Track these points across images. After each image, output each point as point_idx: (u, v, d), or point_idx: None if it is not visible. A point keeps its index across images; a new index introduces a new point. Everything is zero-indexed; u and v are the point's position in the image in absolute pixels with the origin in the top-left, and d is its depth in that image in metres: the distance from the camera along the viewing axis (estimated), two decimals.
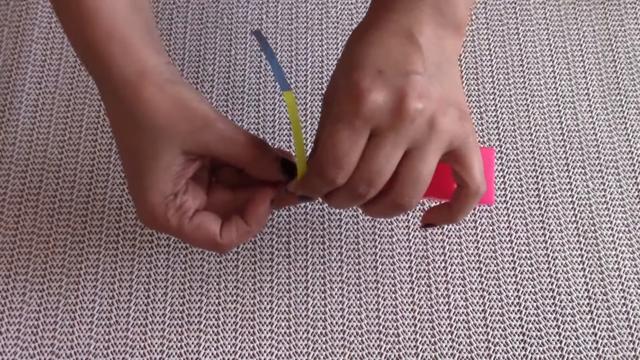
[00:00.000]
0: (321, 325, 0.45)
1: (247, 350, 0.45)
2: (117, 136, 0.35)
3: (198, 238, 0.35)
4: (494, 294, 0.46)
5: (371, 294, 0.46)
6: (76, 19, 0.33)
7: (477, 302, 0.46)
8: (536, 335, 0.45)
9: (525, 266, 0.47)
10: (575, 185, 0.50)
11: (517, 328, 0.45)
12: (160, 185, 0.33)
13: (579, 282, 0.47)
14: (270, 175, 0.36)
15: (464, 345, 0.45)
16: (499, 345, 0.45)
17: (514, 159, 0.50)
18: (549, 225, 0.48)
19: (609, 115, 0.52)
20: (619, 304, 0.46)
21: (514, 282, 0.47)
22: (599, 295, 0.46)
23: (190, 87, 0.34)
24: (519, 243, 0.48)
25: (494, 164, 0.37)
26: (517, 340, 0.45)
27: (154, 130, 0.33)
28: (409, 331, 0.45)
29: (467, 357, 0.44)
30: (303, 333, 0.45)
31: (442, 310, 0.46)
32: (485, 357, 0.44)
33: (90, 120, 0.51)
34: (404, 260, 0.47)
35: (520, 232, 0.48)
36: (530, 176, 0.50)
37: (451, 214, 0.35)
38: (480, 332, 0.45)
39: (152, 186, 0.33)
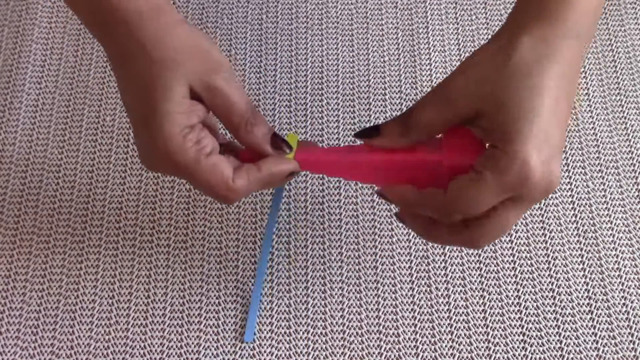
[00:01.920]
0: (321, 325, 0.45)
1: (247, 350, 0.45)
2: (125, 69, 0.34)
3: (212, 178, 0.34)
4: (494, 294, 0.46)
5: (371, 294, 0.46)
6: None
7: (477, 302, 0.46)
8: (536, 335, 0.45)
9: (525, 266, 0.47)
10: (575, 185, 0.50)
11: (517, 328, 0.45)
12: (176, 114, 0.32)
13: (579, 282, 0.47)
14: (260, 145, 0.35)
15: (464, 345, 0.45)
16: (499, 345, 0.45)
17: None
18: (549, 225, 0.48)
19: (609, 115, 0.52)
20: (619, 304, 0.46)
21: (514, 282, 0.47)
22: (599, 295, 0.46)
23: (202, 31, 0.34)
24: (519, 243, 0.48)
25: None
26: (517, 340, 0.45)
27: (169, 60, 0.32)
28: (409, 331, 0.45)
29: (467, 357, 0.44)
30: (303, 333, 0.45)
31: (442, 310, 0.46)
32: (485, 357, 0.44)
33: (90, 120, 0.51)
34: (404, 260, 0.47)
35: (520, 232, 0.48)
36: None
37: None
38: (480, 332, 0.45)
39: (169, 114, 0.32)
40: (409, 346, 0.45)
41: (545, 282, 0.47)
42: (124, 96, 0.35)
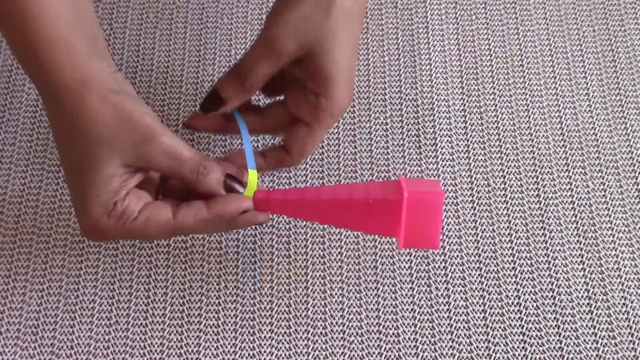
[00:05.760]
0: (321, 325, 0.45)
1: (247, 350, 0.45)
2: (60, 147, 0.34)
3: (150, 232, 0.34)
4: (494, 294, 0.46)
5: (371, 294, 0.46)
6: (18, 23, 0.32)
7: (477, 302, 0.46)
8: (536, 335, 0.45)
9: (525, 266, 0.47)
10: (575, 185, 0.50)
11: (517, 328, 0.45)
12: (101, 197, 0.33)
13: (579, 282, 0.47)
14: (212, 192, 0.36)
15: (464, 345, 0.45)
16: (499, 345, 0.45)
17: (514, 159, 0.50)
18: (549, 225, 0.48)
19: (609, 115, 0.52)
20: (619, 304, 0.46)
21: (514, 282, 0.47)
22: (599, 295, 0.46)
23: (135, 98, 0.34)
24: (519, 243, 0.48)
25: (442, 208, 0.37)
26: (517, 340, 0.45)
27: (96, 140, 0.32)
28: (409, 331, 0.45)
29: (467, 357, 0.44)
30: (303, 333, 0.45)
31: (442, 310, 0.46)
32: (485, 357, 0.44)
33: None
34: (404, 260, 0.47)
35: (520, 232, 0.48)
36: (530, 176, 0.50)
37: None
38: (480, 332, 0.45)
39: (94, 199, 0.33)
40: (409, 346, 0.45)
41: (545, 282, 0.47)
42: (64, 172, 0.35)
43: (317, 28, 0.35)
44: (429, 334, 0.45)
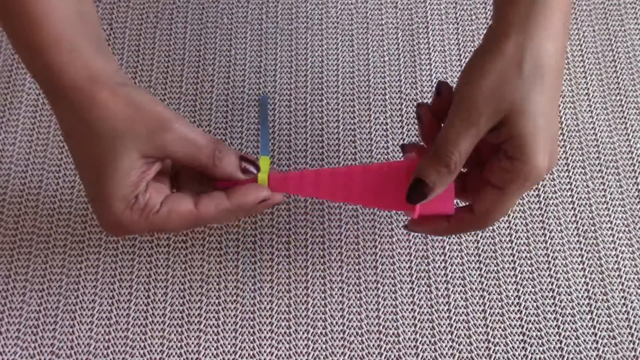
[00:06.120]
0: (321, 325, 0.45)
1: (247, 350, 0.45)
2: (72, 146, 0.34)
3: (173, 224, 0.34)
4: (494, 294, 0.46)
5: (371, 294, 0.46)
6: (23, 23, 0.32)
7: (477, 302, 0.46)
8: (536, 335, 0.45)
9: (525, 266, 0.47)
10: (575, 185, 0.50)
11: (517, 328, 0.45)
12: (122, 191, 0.33)
13: (579, 282, 0.47)
14: (230, 175, 0.36)
15: (464, 345, 0.45)
16: (499, 345, 0.45)
17: None
18: (549, 225, 0.48)
19: (609, 115, 0.52)
20: (619, 304, 0.46)
21: (514, 282, 0.47)
22: (599, 295, 0.46)
23: (142, 89, 0.34)
24: (519, 243, 0.48)
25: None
26: (517, 340, 0.45)
27: (111, 134, 0.32)
28: (409, 331, 0.45)
29: (467, 357, 0.44)
30: (303, 333, 0.45)
31: (442, 310, 0.46)
32: (485, 357, 0.44)
33: None
34: (404, 260, 0.47)
35: (520, 232, 0.48)
36: None
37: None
38: (480, 332, 0.45)
39: (114, 194, 0.33)
40: (409, 346, 0.45)
41: (545, 282, 0.47)
42: (78, 171, 0.35)
43: (511, 89, 0.32)
44: (429, 334, 0.45)
